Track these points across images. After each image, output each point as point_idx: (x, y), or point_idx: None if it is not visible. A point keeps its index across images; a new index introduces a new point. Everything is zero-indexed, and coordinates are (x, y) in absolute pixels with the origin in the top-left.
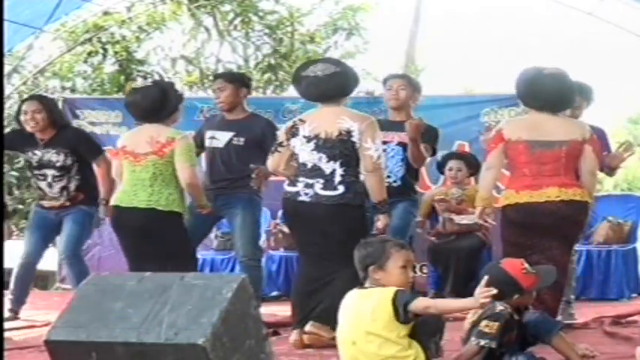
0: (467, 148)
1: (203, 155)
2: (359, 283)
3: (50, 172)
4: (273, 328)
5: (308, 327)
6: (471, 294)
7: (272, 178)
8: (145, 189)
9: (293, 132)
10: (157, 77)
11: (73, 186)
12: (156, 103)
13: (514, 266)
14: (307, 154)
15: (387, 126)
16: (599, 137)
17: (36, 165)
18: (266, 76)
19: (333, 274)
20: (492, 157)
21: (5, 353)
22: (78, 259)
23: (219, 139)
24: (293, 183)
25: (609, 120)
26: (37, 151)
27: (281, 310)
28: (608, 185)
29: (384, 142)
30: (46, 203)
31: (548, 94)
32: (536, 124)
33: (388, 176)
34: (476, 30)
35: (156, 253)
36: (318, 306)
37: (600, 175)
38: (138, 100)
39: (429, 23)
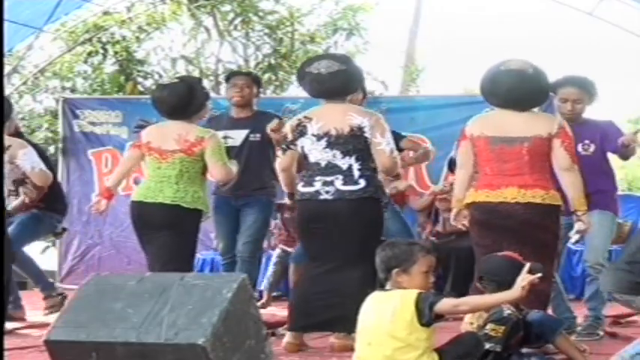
0: None
1: None
2: (371, 286)
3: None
4: (272, 329)
5: (333, 339)
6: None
7: None
8: (170, 186)
9: (300, 131)
10: (157, 77)
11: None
12: (183, 100)
13: (512, 254)
14: (319, 153)
15: None
16: (608, 128)
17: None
18: (266, 76)
19: (345, 279)
20: (460, 155)
21: (5, 353)
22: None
23: (235, 137)
24: (309, 183)
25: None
26: None
27: (281, 311)
28: None
29: None
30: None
31: (506, 91)
32: (499, 120)
33: None
34: (476, 30)
35: (167, 247)
36: (331, 311)
37: None
38: (165, 97)
39: (429, 23)
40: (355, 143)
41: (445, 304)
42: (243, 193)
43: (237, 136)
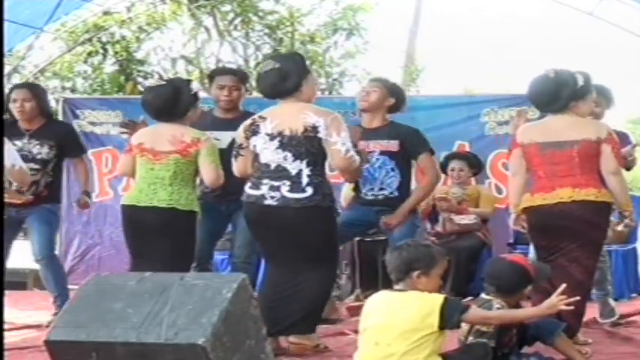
0: (467, 148)
1: None
2: (329, 289)
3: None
4: None
5: (292, 338)
6: (470, 294)
7: None
8: (164, 188)
9: (253, 130)
10: (157, 77)
11: (43, 182)
12: (168, 102)
13: (520, 258)
14: (271, 153)
15: (366, 135)
16: (619, 137)
17: None
18: None
19: (302, 281)
20: (511, 163)
21: (5, 353)
22: (55, 259)
23: (221, 139)
24: (256, 185)
25: (609, 120)
26: (17, 142)
27: None
28: None
29: (367, 153)
30: (6, 198)
31: (530, 94)
32: (548, 126)
33: (382, 188)
34: (476, 30)
35: (165, 251)
36: (291, 316)
37: None
38: (150, 99)
39: (429, 23)
40: (308, 146)
41: (474, 314)
42: (235, 197)
43: (224, 138)
